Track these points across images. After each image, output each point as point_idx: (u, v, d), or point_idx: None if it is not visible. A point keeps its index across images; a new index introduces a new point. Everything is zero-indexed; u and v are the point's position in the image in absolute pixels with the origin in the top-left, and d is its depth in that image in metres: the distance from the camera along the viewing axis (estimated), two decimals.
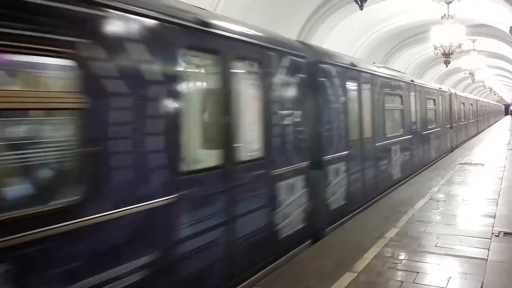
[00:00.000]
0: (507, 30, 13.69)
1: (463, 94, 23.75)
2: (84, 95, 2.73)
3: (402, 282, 4.31)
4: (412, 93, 11.35)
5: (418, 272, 4.54)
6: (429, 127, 13.10)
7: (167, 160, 3.40)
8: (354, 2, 8.98)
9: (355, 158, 7.29)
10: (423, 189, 9.21)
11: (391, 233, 5.97)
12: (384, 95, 8.98)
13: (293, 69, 5.34)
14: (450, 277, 4.38)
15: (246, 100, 4.50)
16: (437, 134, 14.23)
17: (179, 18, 3.57)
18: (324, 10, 11.70)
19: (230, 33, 4.23)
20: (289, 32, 10.14)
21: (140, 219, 3.13)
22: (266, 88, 4.79)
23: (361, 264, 4.79)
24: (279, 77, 5.04)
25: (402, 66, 20.43)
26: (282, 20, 10.43)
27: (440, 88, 15.54)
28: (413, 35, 17.09)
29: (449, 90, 17.38)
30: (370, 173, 8.03)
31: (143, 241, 3.16)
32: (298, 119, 5.40)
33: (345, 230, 6.23)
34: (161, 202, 3.28)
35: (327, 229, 6.12)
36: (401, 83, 10.49)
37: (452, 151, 17.03)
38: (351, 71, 7.33)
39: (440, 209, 7.39)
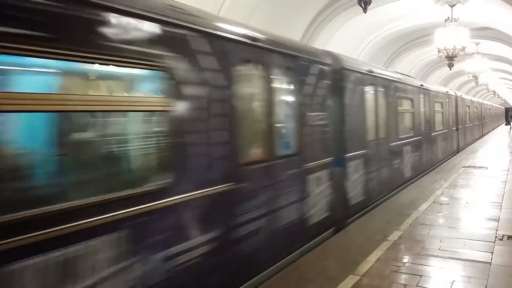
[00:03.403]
0: (511, 33, 13.68)
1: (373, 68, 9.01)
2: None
3: (405, 285, 4.31)
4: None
5: (421, 276, 4.53)
6: None
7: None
8: (358, 5, 8.99)
9: None
10: (426, 192, 9.19)
11: (395, 236, 5.97)
12: None
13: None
14: (453, 281, 4.37)
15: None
16: None
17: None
18: (328, 13, 11.70)
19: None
20: (293, 34, 10.16)
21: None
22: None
23: (364, 267, 4.78)
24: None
25: (406, 68, 20.40)
26: (287, 22, 10.44)
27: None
28: (417, 37, 17.07)
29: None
30: None
31: None
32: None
33: (348, 233, 6.23)
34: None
35: None
36: None
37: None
38: None
39: (443, 212, 7.37)
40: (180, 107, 3.46)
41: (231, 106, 4.12)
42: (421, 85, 12.00)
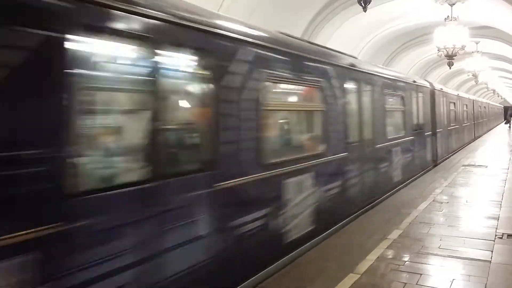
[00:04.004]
0: (511, 32, 13.68)
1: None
2: None
3: (405, 284, 4.31)
4: None
5: (421, 274, 4.54)
6: None
7: None
8: (358, 4, 9.00)
9: None
10: (426, 190, 9.19)
11: (394, 234, 5.97)
12: None
13: None
14: (453, 279, 4.38)
15: None
16: None
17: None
18: (328, 12, 11.72)
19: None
20: (293, 33, 10.14)
21: None
22: None
23: (364, 266, 4.79)
24: None
25: (406, 67, 20.42)
26: (286, 21, 10.44)
27: None
28: (416, 36, 17.08)
29: None
30: None
31: None
32: None
33: (348, 232, 6.24)
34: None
35: None
36: None
37: None
38: None
39: (443, 210, 7.38)
40: None
41: None
42: (352, 64, 7.34)
